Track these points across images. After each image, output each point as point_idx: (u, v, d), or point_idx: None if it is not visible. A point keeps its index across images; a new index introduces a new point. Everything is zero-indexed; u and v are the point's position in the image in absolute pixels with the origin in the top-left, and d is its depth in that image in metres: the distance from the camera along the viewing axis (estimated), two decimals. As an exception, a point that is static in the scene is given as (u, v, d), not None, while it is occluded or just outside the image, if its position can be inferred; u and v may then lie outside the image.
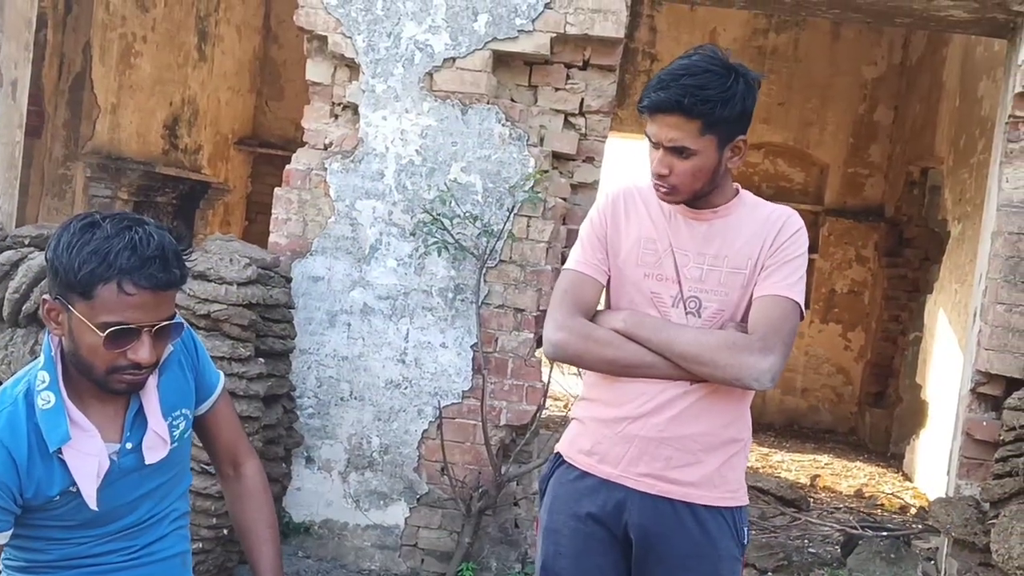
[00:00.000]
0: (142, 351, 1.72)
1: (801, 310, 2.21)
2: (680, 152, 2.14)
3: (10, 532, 1.73)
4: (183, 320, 1.87)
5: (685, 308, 2.22)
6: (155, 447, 1.85)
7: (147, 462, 1.84)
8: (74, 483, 1.74)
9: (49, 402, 1.74)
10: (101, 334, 1.69)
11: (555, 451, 2.41)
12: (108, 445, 1.79)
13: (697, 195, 2.20)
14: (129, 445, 1.80)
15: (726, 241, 2.22)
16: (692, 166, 2.15)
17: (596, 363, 2.26)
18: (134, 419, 1.82)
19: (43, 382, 1.75)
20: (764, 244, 2.21)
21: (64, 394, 1.75)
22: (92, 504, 1.75)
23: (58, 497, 1.75)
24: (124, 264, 1.67)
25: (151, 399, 1.83)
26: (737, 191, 2.29)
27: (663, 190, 2.20)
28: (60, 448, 1.73)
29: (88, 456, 1.75)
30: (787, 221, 2.23)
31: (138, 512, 1.86)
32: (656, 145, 2.18)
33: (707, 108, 2.09)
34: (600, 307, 2.34)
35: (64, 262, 1.68)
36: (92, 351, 1.72)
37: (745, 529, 2.28)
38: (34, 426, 1.73)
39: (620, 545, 2.26)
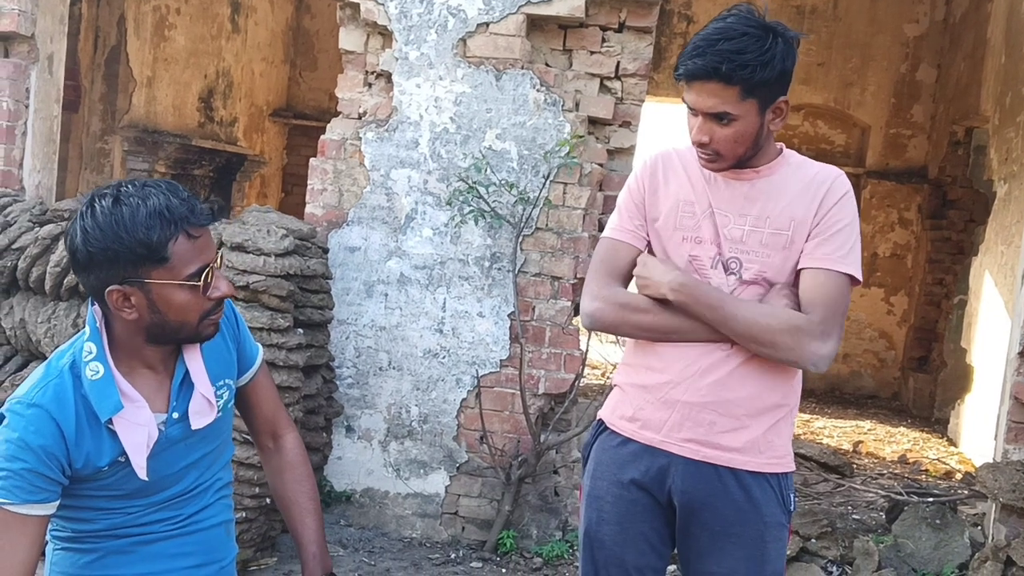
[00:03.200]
0: (223, 285, 1.77)
1: (857, 279, 2.14)
2: (720, 118, 2.08)
3: (56, 503, 1.73)
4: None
5: (725, 268, 2.17)
6: (202, 411, 1.85)
7: (193, 427, 1.84)
8: (123, 453, 1.75)
9: (98, 373, 1.74)
10: (197, 283, 1.71)
11: (597, 418, 2.39)
12: (156, 415, 1.79)
13: (740, 159, 2.15)
14: (176, 415, 1.80)
15: (768, 202, 2.16)
16: (734, 132, 2.09)
17: (633, 331, 2.23)
18: (180, 387, 1.82)
19: (90, 353, 1.75)
20: (810, 207, 2.14)
21: (112, 364, 1.75)
22: (142, 474, 1.76)
23: (107, 467, 1.75)
24: (180, 213, 1.68)
25: (197, 364, 1.84)
26: (780, 150, 2.23)
27: (705, 158, 2.16)
28: (111, 419, 1.73)
29: (138, 426, 1.76)
30: (833, 183, 2.16)
31: (184, 482, 1.87)
32: (695, 112, 2.12)
33: (746, 73, 2.03)
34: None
35: (125, 240, 1.65)
36: (185, 307, 1.73)
37: (792, 495, 2.24)
38: (82, 397, 1.73)
39: (664, 511, 2.24)
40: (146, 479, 1.77)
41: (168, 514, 1.86)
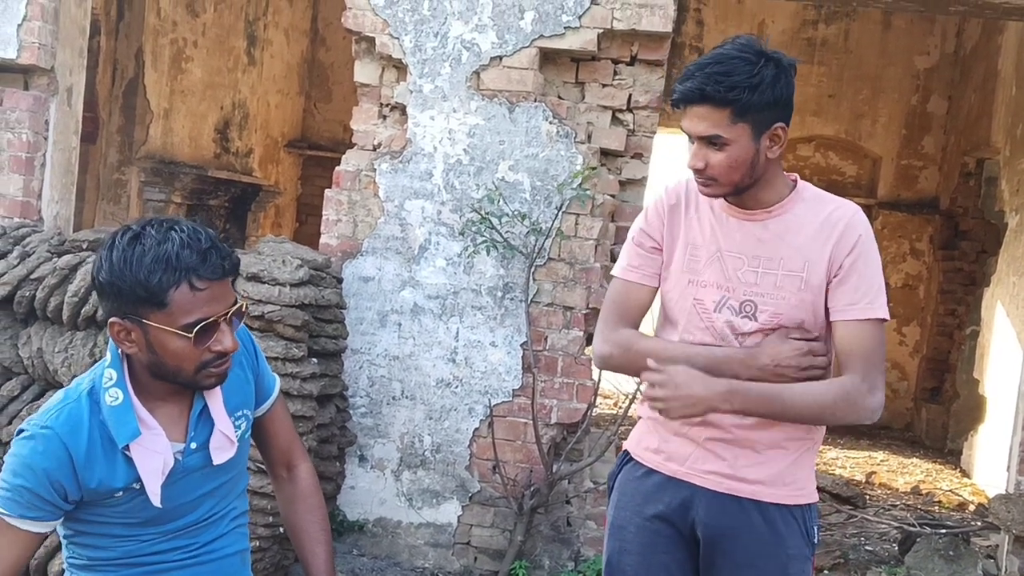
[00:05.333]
0: (226, 340, 1.76)
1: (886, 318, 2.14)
2: (713, 142, 2.08)
3: (55, 523, 1.78)
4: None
5: (740, 311, 2.17)
6: (223, 447, 1.88)
7: (215, 462, 1.87)
8: (138, 479, 1.77)
9: (117, 399, 1.77)
10: (189, 335, 1.71)
11: (623, 448, 2.41)
12: (172, 444, 1.81)
13: (738, 187, 2.13)
14: (194, 445, 1.82)
15: (782, 243, 2.15)
16: (727, 156, 2.08)
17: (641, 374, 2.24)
18: (198, 419, 1.84)
19: (110, 379, 1.78)
20: (824, 248, 2.12)
21: (131, 391, 1.78)
22: (156, 501, 1.78)
23: (122, 492, 1.77)
24: (188, 263, 1.68)
25: (216, 399, 1.86)
26: (794, 184, 2.22)
27: (701, 183, 2.16)
28: (127, 444, 1.76)
29: (154, 453, 1.78)
30: (849, 223, 2.13)
31: (199, 511, 1.89)
32: (690, 138, 2.14)
33: (734, 95, 2.03)
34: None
35: (128, 279, 1.68)
36: (180, 355, 1.74)
37: (815, 528, 2.24)
38: (99, 423, 1.76)
39: (687, 543, 2.24)
40: (160, 506, 1.79)
41: (183, 542, 1.88)
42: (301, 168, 11.42)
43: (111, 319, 1.75)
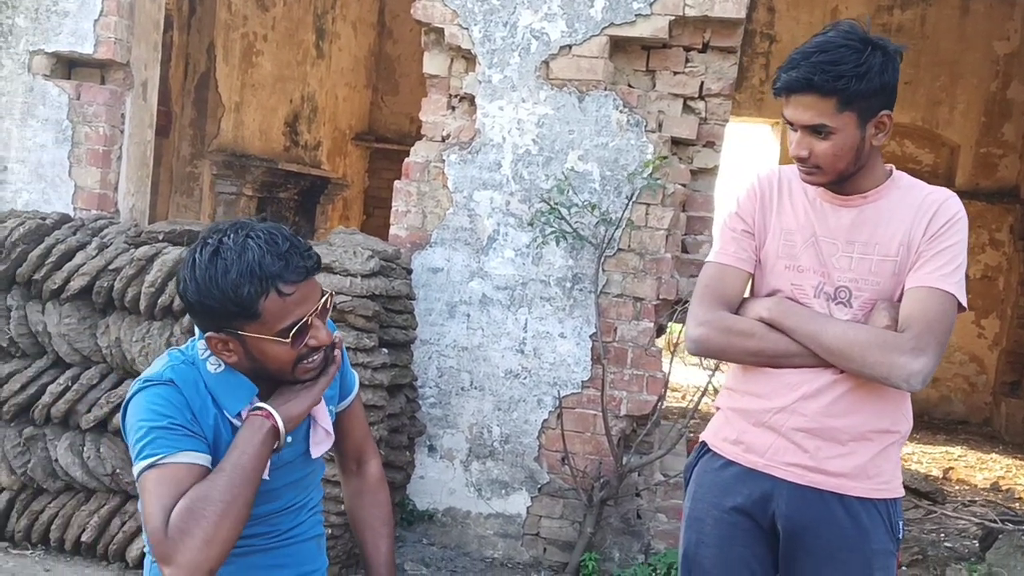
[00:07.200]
0: (320, 335, 1.76)
1: (961, 303, 2.06)
2: (818, 131, 2.05)
3: (208, 457, 1.72)
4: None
5: (835, 298, 2.13)
6: (322, 442, 1.90)
7: (313, 456, 1.90)
8: None
9: (220, 367, 1.78)
10: (286, 341, 1.71)
11: (700, 439, 2.37)
12: None
13: (842, 175, 2.10)
14: (289, 439, 1.83)
15: (877, 228, 2.12)
16: (832, 145, 2.05)
17: (739, 356, 2.20)
18: None
19: (206, 349, 1.80)
20: (917, 230, 2.08)
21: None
22: (265, 473, 1.77)
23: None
24: (271, 270, 1.68)
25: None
26: (890, 172, 2.18)
27: (805, 172, 2.12)
28: (239, 414, 1.77)
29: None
30: (943, 205, 2.10)
31: (283, 500, 1.91)
32: (794, 127, 2.10)
33: (841, 84, 2.00)
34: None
35: (216, 296, 1.68)
36: (280, 358, 1.74)
37: (900, 523, 2.18)
38: (207, 389, 1.77)
39: (766, 536, 2.20)
40: (267, 478, 1.78)
41: (265, 529, 1.89)
42: (368, 161, 11.51)
43: (207, 334, 1.75)
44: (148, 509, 1.63)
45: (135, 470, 1.69)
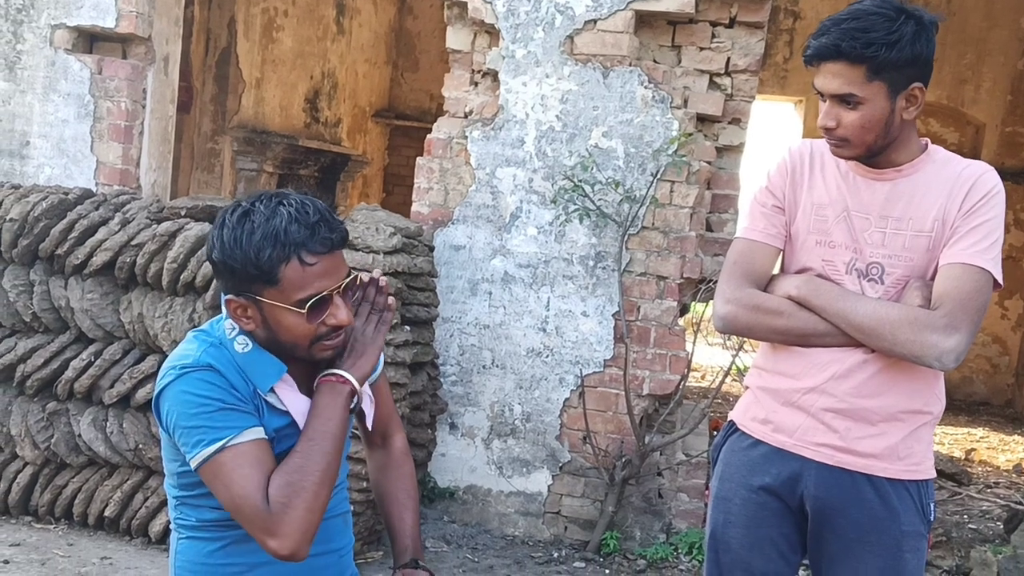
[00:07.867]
0: (340, 313, 1.73)
1: (996, 279, 2.02)
2: (846, 101, 2.00)
3: (261, 429, 1.70)
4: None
5: (867, 274, 2.09)
6: (368, 409, 1.92)
7: (369, 427, 1.94)
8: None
9: (247, 346, 1.77)
10: (302, 311, 1.69)
11: (729, 419, 2.34)
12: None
13: (872, 148, 2.04)
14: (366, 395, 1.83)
15: (911, 203, 2.06)
16: (861, 116, 2.00)
17: (767, 334, 2.16)
18: None
19: (233, 328, 1.78)
20: (952, 205, 2.03)
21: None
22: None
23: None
24: (296, 238, 1.66)
25: None
26: (925, 146, 2.12)
27: (833, 144, 2.07)
28: (272, 388, 1.76)
29: (301, 397, 1.79)
30: (979, 179, 2.05)
31: None
32: (823, 96, 2.05)
33: (871, 52, 1.94)
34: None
35: (239, 257, 1.67)
36: (294, 330, 1.72)
37: (931, 504, 2.15)
38: (239, 368, 1.75)
39: (794, 517, 2.17)
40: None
41: None
42: (388, 138, 11.47)
43: (227, 297, 1.74)
44: (237, 491, 1.64)
45: (198, 457, 1.67)
